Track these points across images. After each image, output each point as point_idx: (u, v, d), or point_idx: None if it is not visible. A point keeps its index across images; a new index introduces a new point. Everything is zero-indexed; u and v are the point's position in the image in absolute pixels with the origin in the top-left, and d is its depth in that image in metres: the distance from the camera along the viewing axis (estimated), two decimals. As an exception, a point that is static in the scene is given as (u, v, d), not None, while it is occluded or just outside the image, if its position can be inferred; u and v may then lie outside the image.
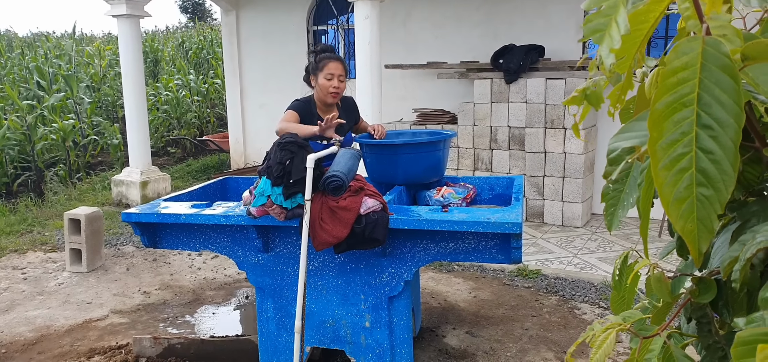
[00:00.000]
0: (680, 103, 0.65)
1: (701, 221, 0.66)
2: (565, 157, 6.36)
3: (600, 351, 0.83)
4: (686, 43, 0.66)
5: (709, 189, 0.65)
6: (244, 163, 9.61)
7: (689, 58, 0.65)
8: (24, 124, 9.33)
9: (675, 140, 0.66)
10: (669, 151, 0.66)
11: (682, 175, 0.66)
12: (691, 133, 0.65)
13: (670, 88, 0.65)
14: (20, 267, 5.56)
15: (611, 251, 5.65)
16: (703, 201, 0.66)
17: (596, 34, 0.72)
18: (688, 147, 0.65)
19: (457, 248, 2.94)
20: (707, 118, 0.65)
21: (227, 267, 5.42)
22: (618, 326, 0.84)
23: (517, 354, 3.71)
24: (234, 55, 9.41)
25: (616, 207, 0.85)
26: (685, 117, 0.65)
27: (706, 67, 0.65)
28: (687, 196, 0.66)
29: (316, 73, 3.48)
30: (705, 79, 0.64)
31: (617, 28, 0.70)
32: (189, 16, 33.02)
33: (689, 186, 0.66)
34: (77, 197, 8.22)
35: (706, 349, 0.80)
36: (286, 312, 3.29)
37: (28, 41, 19.50)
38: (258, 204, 2.90)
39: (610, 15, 0.71)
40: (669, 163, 0.66)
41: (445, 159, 3.55)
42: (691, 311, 0.80)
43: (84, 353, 3.85)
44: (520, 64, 6.47)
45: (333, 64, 3.45)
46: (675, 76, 0.65)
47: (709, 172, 0.65)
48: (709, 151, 0.65)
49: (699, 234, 0.67)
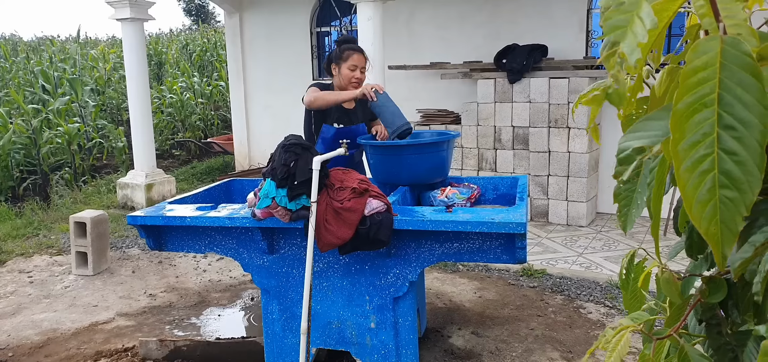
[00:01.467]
0: (701, 104, 0.64)
1: (725, 224, 0.65)
2: (569, 157, 6.35)
3: (614, 353, 0.82)
4: (705, 43, 0.64)
5: (733, 191, 0.64)
6: (248, 164, 9.63)
7: (708, 58, 0.64)
8: (29, 128, 9.37)
9: (696, 141, 0.64)
10: (691, 152, 0.64)
11: (705, 177, 0.64)
12: (713, 135, 0.63)
13: (690, 89, 0.64)
14: (26, 270, 5.58)
15: (616, 250, 5.63)
16: (726, 203, 0.64)
17: (617, 30, 0.70)
18: (710, 148, 0.64)
19: (461, 248, 2.94)
20: (729, 118, 0.63)
21: (232, 269, 5.43)
22: (630, 327, 0.83)
23: (522, 354, 3.71)
24: (237, 57, 9.43)
25: (630, 207, 0.84)
26: (705, 118, 0.64)
27: (726, 67, 0.63)
28: (710, 199, 0.64)
29: (340, 63, 3.60)
30: (725, 79, 0.63)
31: (641, 23, 0.68)
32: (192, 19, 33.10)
33: (712, 188, 0.64)
34: (82, 200, 8.25)
35: (716, 350, 0.79)
36: (291, 314, 3.30)
37: (33, 45, 19.59)
38: (263, 206, 2.90)
39: (632, 11, 0.69)
40: (691, 165, 0.65)
41: (449, 159, 3.55)
42: (702, 312, 0.80)
43: (90, 356, 3.86)
44: (523, 64, 6.47)
45: (357, 55, 3.61)
46: (695, 75, 0.64)
47: (733, 173, 0.63)
48: (732, 152, 0.63)
49: (723, 237, 0.65)
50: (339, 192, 2.87)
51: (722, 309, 0.81)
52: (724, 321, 0.80)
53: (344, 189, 2.87)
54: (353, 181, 2.92)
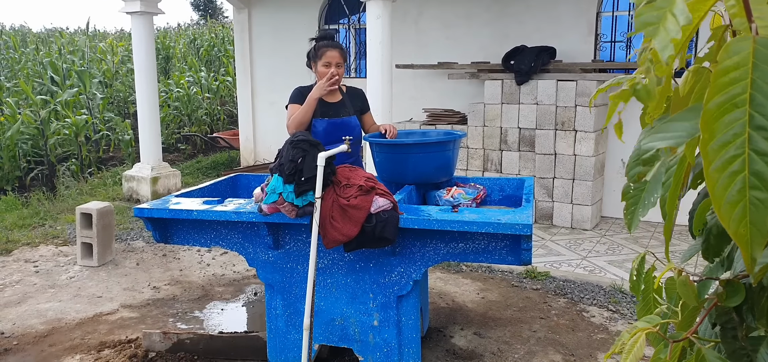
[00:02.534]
0: (732, 104, 0.63)
1: (754, 225, 0.64)
2: (575, 159, 6.34)
3: (630, 355, 0.81)
4: (736, 43, 0.64)
5: (764, 193, 0.63)
6: (253, 160, 9.65)
7: (740, 58, 0.63)
8: (37, 119, 9.42)
9: (727, 142, 0.64)
10: (721, 152, 0.64)
11: (735, 178, 0.64)
12: (744, 135, 0.63)
13: (721, 89, 0.64)
14: (32, 260, 5.61)
15: (620, 254, 5.62)
16: (756, 204, 0.63)
17: (649, 26, 0.69)
18: (740, 149, 0.63)
19: (466, 248, 2.94)
20: (761, 119, 0.63)
21: (236, 263, 5.44)
22: (647, 329, 0.83)
23: (524, 356, 3.71)
24: (245, 52, 9.45)
25: (637, 207, 0.84)
26: (736, 118, 0.63)
27: (759, 67, 0.63)
28: (740, 199, 0.64)
29: (316, 61, 3.60)
30: (757, 79, 0.62)
31: (675, 20, 0.68)
32: (201, 14, 33.18)
33: (742, 189, 0.64)
34: (88, 192, 8.28)
35: (730, 355, 0.78)
36: (295, 310, 3.31)
37: (43, 37, 19.67)
38: (269, 201, 2.91)
39: (665, 7, 0.69)
40: (721, 165, 0.64)
41: (454, 159, 3.55)
42: (717, 316, 0.79)
43: (94, 346, 3.88)
44: (531, 66, 6.46)
45: (331, 52, 3.59)
46: (727, 75, 0.64)
47: (764, 174, 0.63)
48: (763, 153, 0.63)
49: (752, 238, 0.64)
50: (346, 190, 2.87)
51: (737, 313, 0.80)
52: (739, 325, 0.80)
53: (351, 186, 2.88)
54: (360, 178, 2.93)
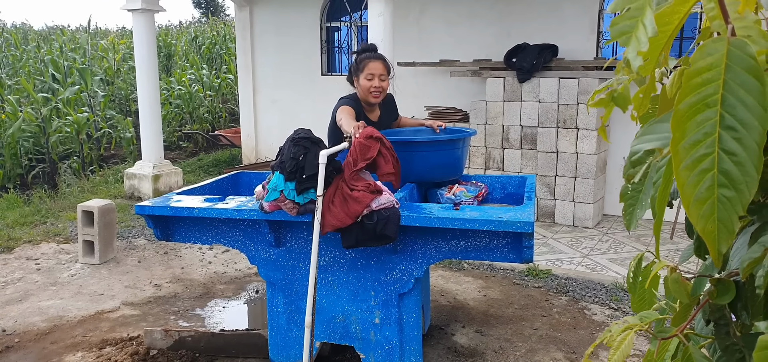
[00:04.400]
0: (704, 104, 0.65)
1: (722, 222, 0.66)
2: (577, 157, 6.33)
3: (618, 351, 0.82)
4: (711, 44, 0.66)
5: (731, 191, 0.65)
6: (255, 158, 9.65)
7: (714, 59, 0.65)
8: (39, 117, 9.43)
9: (698, 141, 0.66)
10: (691, 151, 0.66)
11: (704, 176, 0.66)
12: (714, 134, 0.65)
13: (694, 89, 0.66)
14: (34, 257, 5.62)
15: (622, 252, 5.62)
16: (724, 202, 0.66)
17: (623, 35, 0.72)
18: (710, 148, 0.65)
19: (468, 246, 2.94)
20: (731, 119, 0.65)
21: (238, 261, 5.45)
22: (637, 326, 0.84)
23: (526, 354, 3.70)
24: (247, 50, 9.45)
25: (635, 207, 0.85)
26: (708, 118, 0.65)
27: (731, 68, 0.64)
28: (708, 197, 0.66)
29: (358, 74, 3.50)
30: (729, 81, 0.64)
31: (644, 30, 0.70)
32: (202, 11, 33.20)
33: (711, 187, 0.66)
34: (90, 189, 8.29)
35: (724, 351, 0.79)
36: (296, 307, 3.31)
37: (44, 34, 19.70)
38: (271, 199, 2.91)
39: (637, 17, 0.71)
40: (691, 164, 0.66)
41: (464, 157, 3.54)
42: (710, 313, 0.80)
43: (96, 344, 3.89)
44: (533, 63, 6.45)
45: (373, 63, 3.49)
46: (699, 76, 0.65)
47: (732, 173, 0.65)
48: (732, 153, 0.65)
49: (719, 235, 0.67)
50: (355, 182, 2.85)
51: (731, 310, 0.81)
52: (731, 322, 0.80)
53: (360, 180, 2.87)
54: (370, 179, 2.92)
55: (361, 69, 3.48)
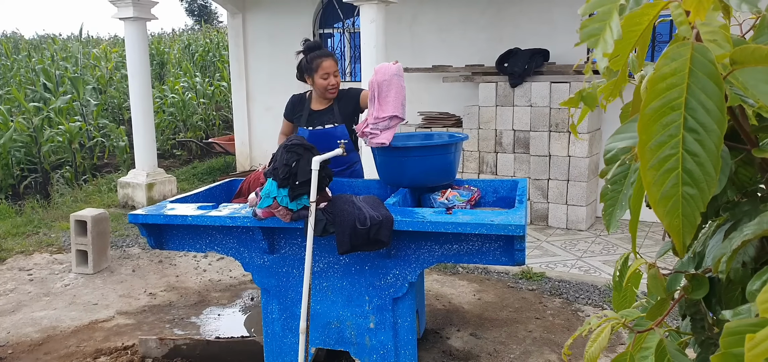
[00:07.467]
0: (668, 107, 0.69)
1: (686, 217, 0.71)
2: (569, 161, 6.37)
3: (595, 343, 0.85)
4: (675, 49, 0.69)
5: (694, 189, 0.70)
6: (249, 165, 9.65)
7: (678, 64, 0.69)
8: (30, 126, 9.40)
9: (663, 142, 0.70)
10: (657, 152, 0.70)
11: (669, 175, 0.70)
12: (679, 136, 0.69)
13: (659, 93, 0.69)
14: (26, 268, 5.61)
15: (615, 254, 5.65)
16: (688, 199, 0.70)
17: (591, 38, 0.75)
18: (675, 149, 0.69)
19: (461, 250, 2.96)
20: (693, 122, 0.69)
21: (232, 269, 5.45)
22: (613, 320, 0.86)
23: (520, 356, 3.72)
24: (240, 57, 9.46)
25: (615, 208, 0.88)
26: (672, 120, 0.69)
27: (694, 73, 0.68)
28: (673, 195, 0.71)
29: (312, 74, 3.55)
30: (693, 85, 0.68)
31: (611, 33, 0.73)
32: (195, 19, 33.18)
33: (675, 185, 0.70)
34: (83, 199, 8.27)
35: (701, 345, 0.82)
36: (291, 313, 3.32)
37: (35, 43, 19.64)
38: (264, 205, 2.92)
39: (605, 20, 0.74)
40: (657, 164, 0.70)
41: (456, 162, 3.57)
42: (686, 308, 0.83)
43: (90, 354, 3.88)
44: (524, 68, 6.49)
45: (326, 62, 3.56)
46: (664, 81, 0.69)
47: (694, 172, 0.69)
48: (694, 154, 0.69)
49: (683, 229, 0.71)
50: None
51: (707, 306, 0.83)
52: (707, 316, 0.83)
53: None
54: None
55: (315, 68, 3.55)
